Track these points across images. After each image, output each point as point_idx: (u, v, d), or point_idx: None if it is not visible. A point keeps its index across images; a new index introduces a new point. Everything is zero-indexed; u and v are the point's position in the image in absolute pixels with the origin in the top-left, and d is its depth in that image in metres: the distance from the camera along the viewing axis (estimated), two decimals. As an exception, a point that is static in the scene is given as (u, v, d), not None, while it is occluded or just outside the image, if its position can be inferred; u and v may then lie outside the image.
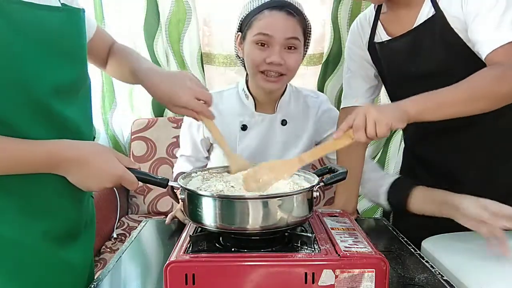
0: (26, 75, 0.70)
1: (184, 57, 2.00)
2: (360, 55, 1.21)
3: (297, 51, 1.08)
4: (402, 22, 1.08)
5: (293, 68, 1.09)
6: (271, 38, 1.03)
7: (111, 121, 2.02)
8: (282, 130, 1.18)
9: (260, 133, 1.17)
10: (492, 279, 0.85)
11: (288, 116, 1.19)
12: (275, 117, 1.18)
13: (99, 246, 1.67)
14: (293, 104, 1.20)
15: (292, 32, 1.04)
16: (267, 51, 1.05)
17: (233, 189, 0.82)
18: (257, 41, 1.05)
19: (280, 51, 1.04)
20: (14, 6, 0.68)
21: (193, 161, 1.28)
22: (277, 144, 1.18)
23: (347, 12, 1.99)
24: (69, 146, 0.74)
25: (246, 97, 1.18)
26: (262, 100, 1.17)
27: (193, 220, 0.81)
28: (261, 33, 1.04)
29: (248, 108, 1.19)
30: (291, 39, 1.04)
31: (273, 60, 1.04)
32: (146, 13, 1.93)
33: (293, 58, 1.07)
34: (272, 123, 1.18)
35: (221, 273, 0.71)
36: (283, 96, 1.19)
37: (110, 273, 0.89)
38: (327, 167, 0.91)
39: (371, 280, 0.71)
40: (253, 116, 1.17)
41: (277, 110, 1.18)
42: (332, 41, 1.99)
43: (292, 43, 1.05)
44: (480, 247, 1.02)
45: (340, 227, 0.88)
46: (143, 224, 1.20)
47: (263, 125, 1.17)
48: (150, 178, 0.81)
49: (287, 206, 0.75)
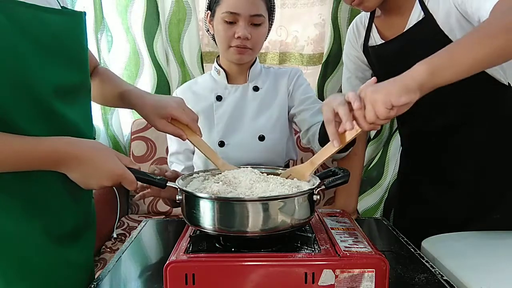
0: (29, 75, 0.70)
1: (184, 57, 2.00)
2: (356, 56, 1.25)
3: (261, 26, 1.17)
4: (394, 26, 1.09)
5: (259, 41, 1.20)
6: (238, 16, 1.13)
7: (111, 121, 2.02)
8: (254, 96, 1.24)
9: (234, 102, 1.23)
10: (492, 279, 0.86)
11: (259, 82, 1.26)
12: (247, 85, 1.26)
13: (99, 246, 1.67)
14: (263, 74, 1.29)
15: (256, 10, 1.14)
16: (235, 27, 1.14)
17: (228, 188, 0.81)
18: (225, 18, 1.14)
19: (246, 27, 1.14)
20: (19, 8, 0.69)
21: (181, 159, 1.29)
22: (251, 109, 1.23)
23: (347, 12, 1.99)
24: (71, 143, 0.74)
25: (217, 73, 1.27)
26: (233, 73, 1.25)
27: (191, 222, 0.80)
28: (228, 11, 1.13)
29: (221, 82, 1.26)
30: (255, 17, 1.14)
31: (241, 35, 1.13)
32: (146, 13, 1.92)
33: (258, 32, 1.17)
34: (245, 91, 1.25)
35: (221, 273, 0.71)
36: (253, 66, 1.26)
37: (110, 273, 0.89)
38: (330, 170, 0.91)
39: (371, 280, 0.71)
40: (226, 88, 1.25)
41: (248, 79, 1.26)
42: (332, 41, 1.99)
43: (257, 20, 1.15)
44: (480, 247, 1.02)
45: (340, 227, 0.88)
46: (143, 224, 1.20)
47: (237, 94, 1.24)
48: (149, 178, 0.82)
49: (287, 208, 0.75)
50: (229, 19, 1.13)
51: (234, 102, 1.23)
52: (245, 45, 1.15)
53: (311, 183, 0.86)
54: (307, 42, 2.11)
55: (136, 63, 2.01)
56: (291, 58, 2.12)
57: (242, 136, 1.21)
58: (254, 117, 1.22)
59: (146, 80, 2.01)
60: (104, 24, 1.94)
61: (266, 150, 1.20)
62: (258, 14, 1.14)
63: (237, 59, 1.18)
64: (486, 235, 1.11)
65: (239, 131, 1.21)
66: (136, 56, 1.99)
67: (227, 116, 1.22)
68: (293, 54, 2.12)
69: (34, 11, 0.71)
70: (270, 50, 2.09)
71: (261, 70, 1.29)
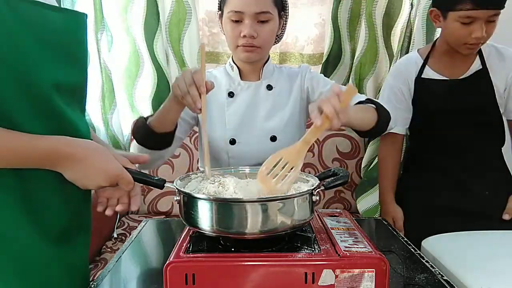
0: (29, 70, 0.70)
1: (184, 57, 2.00)
2: (403, 90, 1.42)
3: (269, 23, 1.15)
4: (455, 68, 1.35)
5: (267, 38, 1.17)
6: (243, 14, 1.12)
7: (111, 121, 2.02)
8: (268, 94, 1.23)
9: (247, 99, 1.22)
10: (492, 279, 0.86)
11: (273, 81, 1.25)
12: (260, 83, 1.24)
13: (99, 246, 1.67)
14: (276, 73, 1.27)
15: (261, 7, 1.12)
16: (241, 25, 1.13)
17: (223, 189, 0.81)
18: (231, 17, 1.13)
19: (252, 25, 1.12)
20: (23, 4, 0.69)
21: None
22: (264, 109, 1.22)
23: (347, 12, 1.99)
24: (68, 142, 0.74)
25: (231, 69, 1.25)
26: (246, 70, 1.24)
27: (189, 223, 0.80)
28: (233, 10, 1.12)
29: (234, 79, 1.25)
30: (261, 14, 1.12)
31: (246, 33, 1.12)
32: (146, 13, 1.92)
33: (266, 29, 1.15)
34: (258, 89, 1.23)
35: (221, 273, 0.71)
36: (266, 64, 1.25)
37: (110, 273, 0.89)
38: (330, 170, 0.90)
39: (371, 280, 0.71)
40: (239, 84, 1.23)
41: (262, 77, 1.24)
42: (332, 41, 1.99)
43: (263, 17, 1.13)
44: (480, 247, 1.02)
45: (340, 227, 0.88)
46: (143, 224, 1.20)
47: (249, 91, 1.23)
48: (147, 178, 0.81)
49: (286, 209, 0.74)
50: (234, 18, 1.13)
51: (247, 100, 1.22)
52: (252, 43, 1.14)
53: (310, 183, 0.86)
54: (307, 42, 2.11)
55: (136, 63, 2.01)
56: (291, 58, 2.12)
57: (254, 135, 1.19)
58: (267, 117, 1.21)
59: (146, 80, 2.01)
60: (104, 24, 1.94)
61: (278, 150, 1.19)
62: (264, 11, 1.12)
63: (245, 57, 1.17)
64: (486, 235, 1.11)
65: (251, 130, 1.20)
66: (136, 56, 1.99)
67: (239, 114, 1.21)
68: (293, 54, 2.12)
69: (37, 7, 0.71)
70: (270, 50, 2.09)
71: (274, 69, 1.28)
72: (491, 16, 1.21)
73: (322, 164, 2.02)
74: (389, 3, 1.91)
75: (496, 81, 1.32)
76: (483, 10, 1.19)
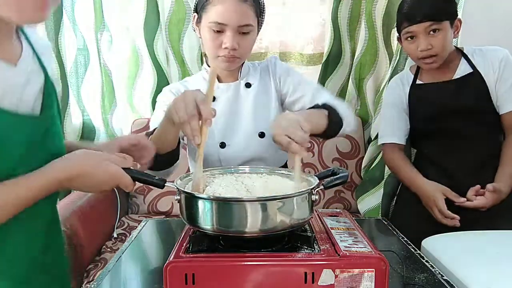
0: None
1: (184, 56, 2.00)
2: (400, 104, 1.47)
3: (250, 34, 1.15)
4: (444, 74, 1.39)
5: (248, 49, 1.18)
6: (225, 26, 1.11)
7: (111, 121, 2.02)
8: (247, 92, 1.23)
9: (229, 100, 1.22)
10: (492, 279, 0.86)
11: (250, 79, 1.25)
12: (238, 83, 1.24)
13: (100, 246, 1.67)
14: (252, 70, 1.28)
15: (244, 20, 1.11)
16: (222, 36, 1.12)
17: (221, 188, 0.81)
18: (212, 27, 1.12)
19: (234, 37, 1.11)
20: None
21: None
22: (247, 107, 1.22)
23: (347, 12, 1.99)
24: (62, 166, 0.73)
25: (207, 73, 1.24)
26: (224, 73, 1.24)
27: (189, 223, 0.80)
28: (215, 21, 1.10)
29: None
30: (243, 26, 1.12)
31: (228, 46, 1.11)
32: (146, 13, 1.92)
33: (247, 40, 1.15)
34: (238, 89, 1.24)
35: (221, 273, 0.71)
36: (243, 66, 1.25)
37: (110, 273, 0.89)
38: (330, 170, 0.90)
39: (371, 280, 0.71)
40: (218, 87, 1.23)
41: (240, 77, 1.24)
42: (332, 41, 1.99)
43: (245, 29, 1.13)
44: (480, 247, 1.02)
45: (340, 226, 0.88)
46: (143, 224, 1.20)
47: (230, 92, 1.23)
48: (147, 178, 0.81)
49: (286, 208, 0.74)
50: (216, 29, 1.11)
51: (229, 101, 1.22)
52: (233, 54, 1.13)
53: (310, 183, 0.86)
54: (307, 42, 2.11)
55: (136, 63, 2.01)
56: (291, 58, 2.12)
57: (242, 135, 1.19)
58: (251, 114, 1.21)
59: (146, 80, 2.01)
60: (104, 24, 1.94)
61: (268, 146, 1.19)
62: (246, 24, 1.11)
63: (226, 67, 1.16)
64: (486, 235, 1.11)
65: (238, 130, 1.20)
66: (136, 56, 2.00)
67: (224, 116, 1.20)
68: (293, 54, 2.12)
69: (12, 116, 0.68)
70: (270, 50, 2.09)
71: (249, 67, 1.28)
72: (428, 28, 1.28)
73: (322, 164, 2.02)
74: (389, 3, 1.91)
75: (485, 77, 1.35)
76: (417, 24, 1.28)
